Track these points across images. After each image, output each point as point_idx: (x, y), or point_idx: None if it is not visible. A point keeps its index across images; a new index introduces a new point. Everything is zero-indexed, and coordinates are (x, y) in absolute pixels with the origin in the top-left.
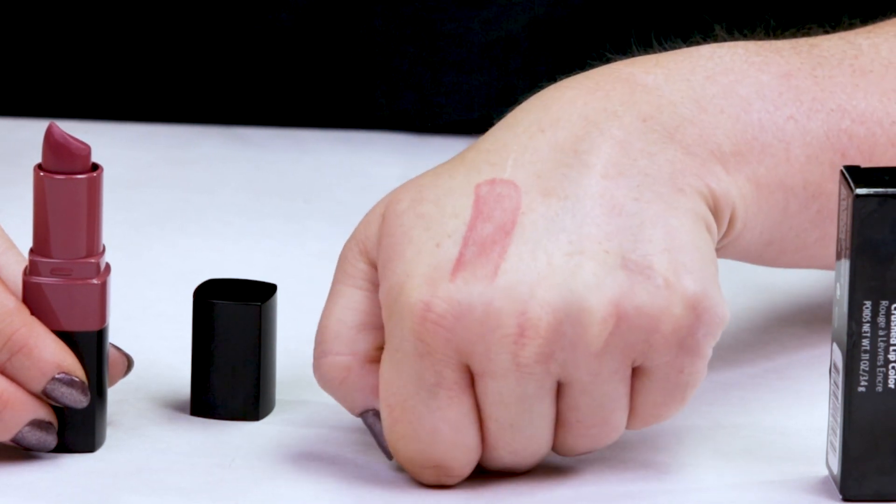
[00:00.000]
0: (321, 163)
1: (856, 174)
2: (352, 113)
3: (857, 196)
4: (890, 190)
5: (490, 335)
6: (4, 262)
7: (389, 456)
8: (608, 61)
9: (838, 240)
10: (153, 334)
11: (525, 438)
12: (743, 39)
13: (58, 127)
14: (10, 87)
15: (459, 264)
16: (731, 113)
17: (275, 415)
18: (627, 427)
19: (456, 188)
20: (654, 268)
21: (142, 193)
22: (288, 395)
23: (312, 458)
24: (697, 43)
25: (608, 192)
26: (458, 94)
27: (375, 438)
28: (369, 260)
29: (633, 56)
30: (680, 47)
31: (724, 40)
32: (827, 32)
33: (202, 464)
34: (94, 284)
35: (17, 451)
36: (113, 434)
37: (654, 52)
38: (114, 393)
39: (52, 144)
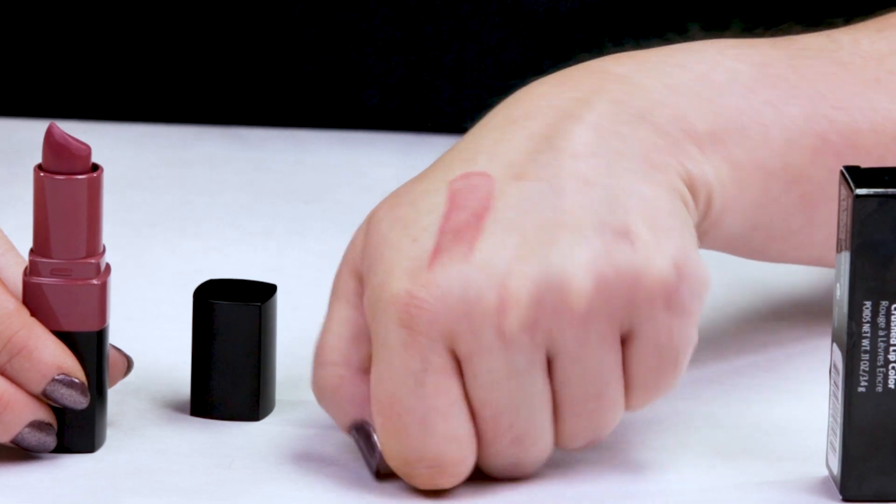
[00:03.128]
0: (321, 163)
1: (856, 174)
2: (351, 113)
3: (857, 196)
4: (890, 190)
5: (472, 311)
6: (4, 264)
7: (376, 473)
8: (601, 55)
9: (838, 240)
10: (153, 335)
11: (523, 422)
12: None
13: (58, 127)
14: (10, 87)
15: (436, 252)
16: (705, 96)
17: (275, 415)
18: (626, 405)
19: (430, 189)
20: (631, 230)
21: (142, 194)
22: (288, 395)
23: (312, 458)
24: (673, 42)
25: (580, 171)
26: (455, 93)
27: (362, 454)
28: (358, 277)
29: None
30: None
31: (700, 39)
32: (806, 32)
33: (202, 464)
34: (94, 285)
35: (17, 452)
36: (113, 434)
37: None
38: (114, 393)
39: (53, 145)
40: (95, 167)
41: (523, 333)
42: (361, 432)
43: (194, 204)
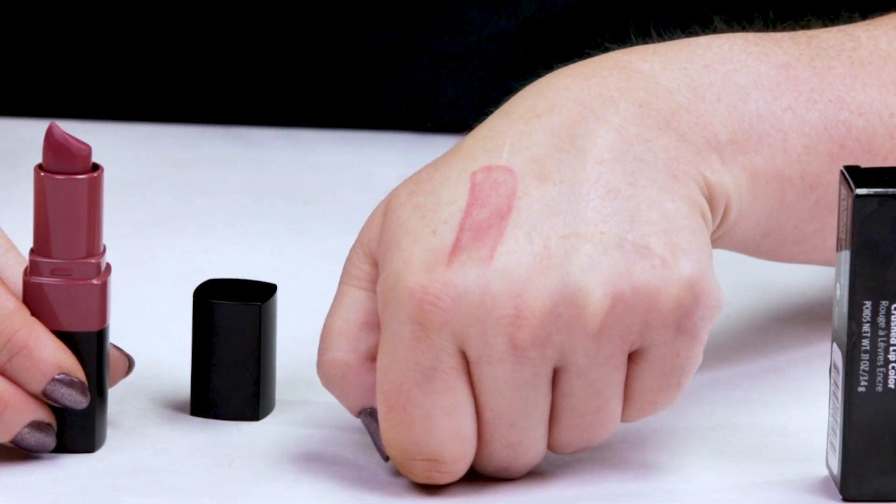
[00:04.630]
0: (321, 163)
1: (856, 174)
2: (351, 113)
3: (857, 196)
4: (890, 190)
5: (486, 318)
6: (4, 264)
7: (385, 457)
8: (606, 51)
9: (838, 239)
10: (153, 335)
11: (520, 431)
12: (742, 31)
13: (58, 127)
14: (10, 87)
15: (456, 249)
16: (728, 101)
17: (275, 415)
18: (623, 418)
19: (452, 177)
20: (650, 248)
21: (142, 194)
22: (288, 395)
23: (312, 458)
24: (696, 34)
25: (604, 177)
26: (455, 92)
27: (372, 438)
28: (373, 261)
29: (632, 46)
30: (679, 38)
31: (723, 32)
32: (826, 26)
33: (202, 464)
34: (95, 285)
35: (16, 452)
36: (113, 434)
37: (653, 43)
38: (114, 393)
39: (53, 145)
40: (96, 167)
41: (534, 348)
42: (372, 416)
43: (195, 203)
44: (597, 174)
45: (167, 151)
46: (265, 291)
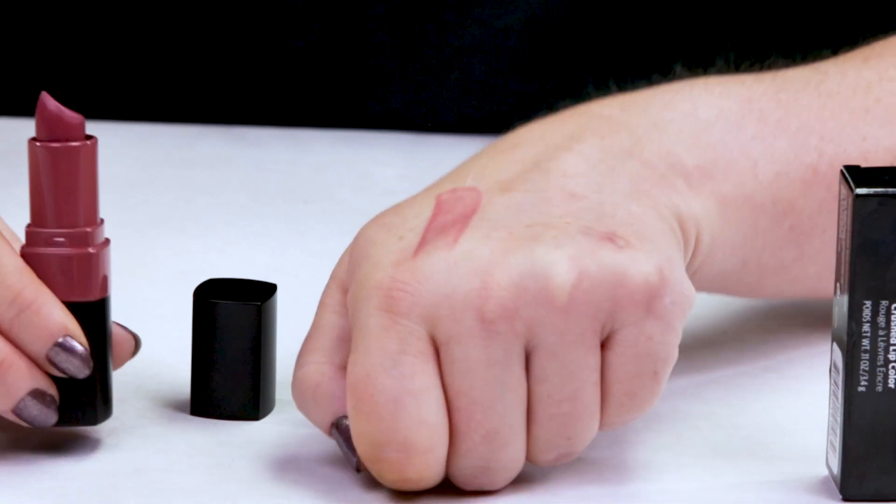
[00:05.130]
0: (321, 163)
1: (856, 174)
2: (351, 113)
3: (857, 196)
4: (890, 190)
5: (454, 295)
6: (9, 237)
7: (357, 468)
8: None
9: (838, 239)
10: (153, 334)
11: (496, 418)
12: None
13: (51, 98)
14: (10, 87)
15: (422, 244)
16: (690, 132)
17: (275, 415)
18: (603, 417)
19: (417, 200)
20: (617, 234)
21: (142, 193)
22: (288, 395)
23: (312, 458)
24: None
25: (568, 187)
26: (455, 92)
27: (342, 448)
28: (344, 289)
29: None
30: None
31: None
32: (792, 66)
33: (202, 464)
34: (91, 253)
35: (16, 452)
36: (113, 434)
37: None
38: (114, 393)
39: (46, 114)
40: (89, 138)
41: (503, 321)
42: (342, 429)
43: (194, 203)
44: (561, 184)
45: (167, 151)
46: (265, 291)
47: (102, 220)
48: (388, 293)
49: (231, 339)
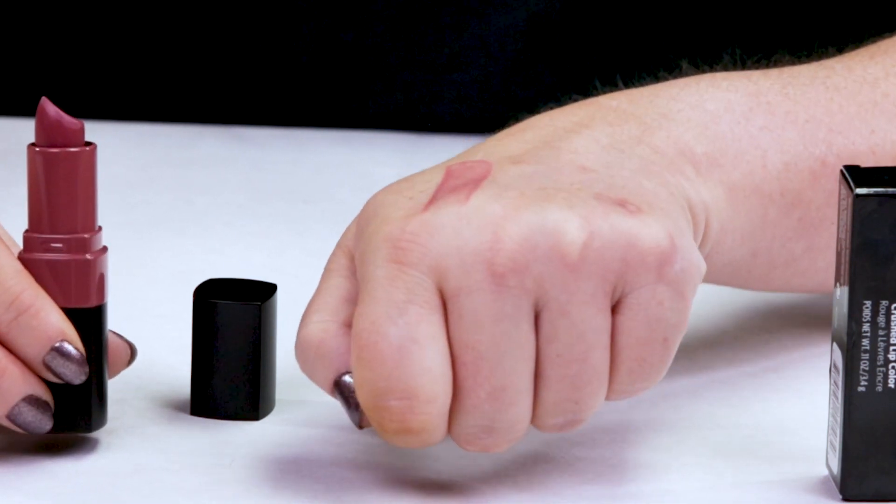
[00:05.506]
0: (321, 163)
1: (856, 174)
2: (351, 113)
3: (857, 196)
4: (890, 190)
5: (464, 247)
6: (7, 242)
7: (359, 424)
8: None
9: (838, 239)
10: (153, 334)
11: (504, 373)
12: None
13: (51, 103)
14: (10, 87)
15: (432, 200)
16: (699, 122)
17: (275, 415)
18: (610, 388)
19: (427, 171)
20: (628, 200)
21: (142, 193)
22: (288, 395)
23: (312, 458)
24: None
25: (578, 161)
26: (455, 92)
27: (344, 404)
28: (350, 254)
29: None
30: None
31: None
32: (797, 63)
33: (202, 464)
34: (88, 260)
35: (16, 452)
36: (113, 434)
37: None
38: (114, 393)
39: (46, 120)
40: (88, 144)
41: (513, 275)
42: (344, 386)
43: (194, 203)
44: (572, 158)
45: (167, 151)
46: (265, 291)
47: (101, 228)
48: (398, 244)
49: (231, 339)
